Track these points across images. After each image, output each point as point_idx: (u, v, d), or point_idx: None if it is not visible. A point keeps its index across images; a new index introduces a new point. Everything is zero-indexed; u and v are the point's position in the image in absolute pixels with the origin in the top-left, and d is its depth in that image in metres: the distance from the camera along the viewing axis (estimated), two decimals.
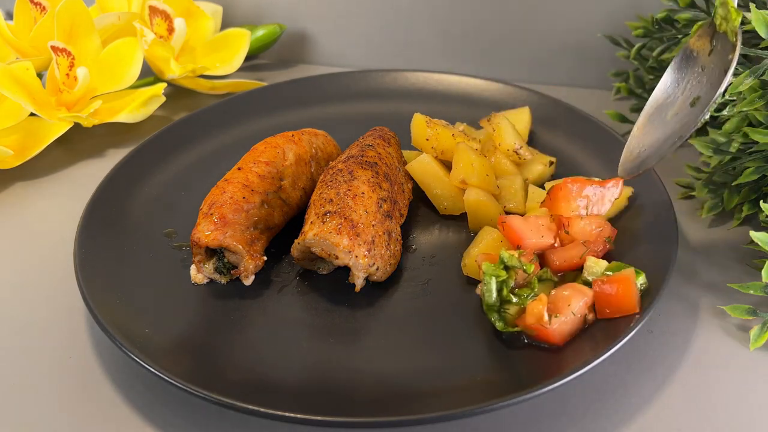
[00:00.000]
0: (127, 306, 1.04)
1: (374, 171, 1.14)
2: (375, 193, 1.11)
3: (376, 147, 1.21)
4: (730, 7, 0.88)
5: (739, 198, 1.18)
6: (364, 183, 1.11)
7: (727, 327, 1.05)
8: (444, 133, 1.24)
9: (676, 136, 1.04)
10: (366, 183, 1.11)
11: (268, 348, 1.00)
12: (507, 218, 1.07)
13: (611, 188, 1.11)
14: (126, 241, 1.16)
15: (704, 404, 0.95)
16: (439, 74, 1.48)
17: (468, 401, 0.88)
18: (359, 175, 1.12)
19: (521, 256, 1.01)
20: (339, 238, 1.03)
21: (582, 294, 0.98)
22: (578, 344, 0.96)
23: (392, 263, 1.09)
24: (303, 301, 1.08)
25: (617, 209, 1.15)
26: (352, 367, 0.97)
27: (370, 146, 1.21)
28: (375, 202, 1.09)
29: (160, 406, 0.96)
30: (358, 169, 1.13)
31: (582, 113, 1.35)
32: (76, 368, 1.02)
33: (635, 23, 1.41)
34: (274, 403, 0.88)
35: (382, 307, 1.07)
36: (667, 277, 1.00)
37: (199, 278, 1.10)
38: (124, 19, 1.53)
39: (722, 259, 1.15)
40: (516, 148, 1.25)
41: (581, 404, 0.95)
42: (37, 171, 1.41)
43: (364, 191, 1.10)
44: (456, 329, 1.02)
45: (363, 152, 1.18)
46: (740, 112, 1.13)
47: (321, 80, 1.50)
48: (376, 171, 1.14)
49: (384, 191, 1.13)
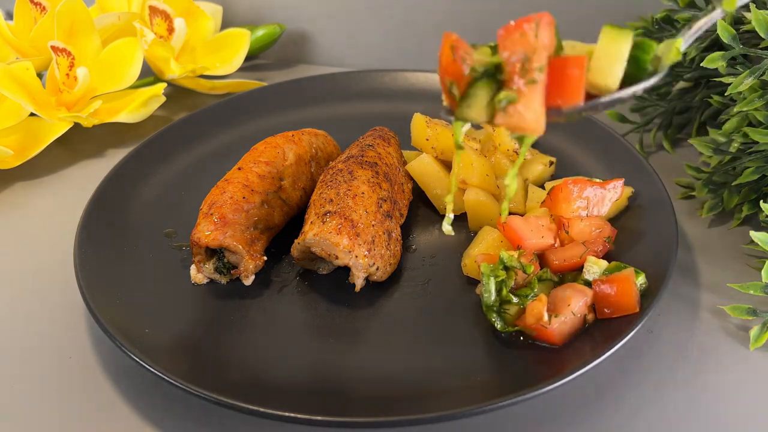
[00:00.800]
0: (127, 306, 1.04)
1: (374, 171, 1.14)
2: (375, 193, 1.11)
3: (376, 147, 1.21)
4: (674, 47, 0.87)
5: (739, 198, 1.18)
6: (364, 183, 1.11)
7: (727, 327, 1.04)
8: (444, 133, 1.24)
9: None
10: (366, 183, 1.11)
11: (268, 348, 1.00)
12: (507, 218, 1.07)
13: (612, 189, 1.11)
14: (126, 241, 1.16)
15: (704, 405, 0.95)
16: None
17: (467, 401, 0.88)
18: (359, 175, 1.12)
19: (521, 257, 1.01)
20: (339, 238, 1.03)
21: (582, 294, 0.98)
22: (578, 344, 0.96)
23: (392, 263, 1.09)
24: (303, 301, 1.08)
25: (617, 209, 1.15)
26: (351, 367, 0.97)
27: (370, 146, 1.20)
28: (375, 202, 1.09)
29: (159, 406, 0.96)
30: (358, 169, 1.13)
31: None
32: (76, 368, 1.02)
33: (635, 23, 1.40)
34: (273, 403, 0.88)
35: (381, 307, 1.06)
36: (667, 277, 1.00)
37: (199, 278, 1.10)
38: (124, 19, 1.53)
39: (722, 259, 1.15)
40: (516, 148, 1.24)
41: (581, 404, 0.95)
42: (37, 171, 1.41)
43: (364, 191, 1.09)
44: (456, 329, 1.02)
45: (363, 152, 1.18)
46: (740, 112, 1.13)
47: (320, 80, 1.50)
48: (376, 171, 1.14)
49: (384, 191, 1.12)
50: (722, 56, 1.12)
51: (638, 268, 1.01)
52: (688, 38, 0.90)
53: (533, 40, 0.82)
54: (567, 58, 0.84)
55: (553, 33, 0.84)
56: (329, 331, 1.03)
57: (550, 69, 0.83)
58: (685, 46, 0.88)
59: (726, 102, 1.22)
